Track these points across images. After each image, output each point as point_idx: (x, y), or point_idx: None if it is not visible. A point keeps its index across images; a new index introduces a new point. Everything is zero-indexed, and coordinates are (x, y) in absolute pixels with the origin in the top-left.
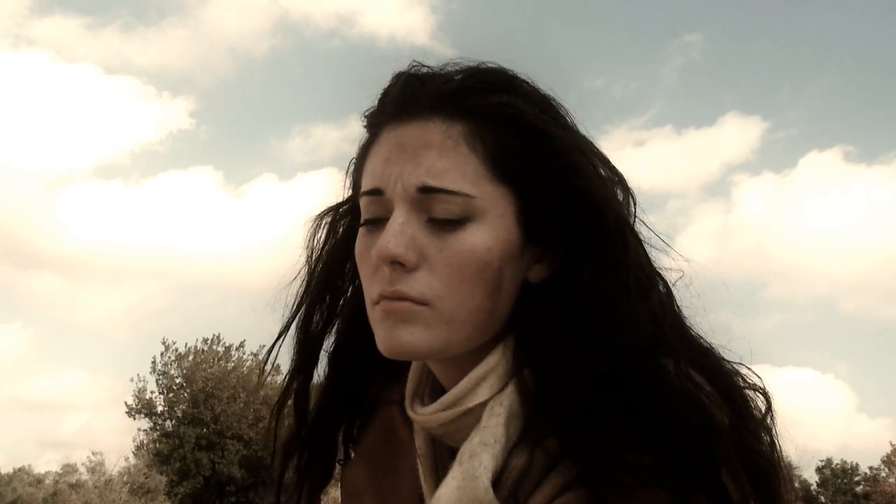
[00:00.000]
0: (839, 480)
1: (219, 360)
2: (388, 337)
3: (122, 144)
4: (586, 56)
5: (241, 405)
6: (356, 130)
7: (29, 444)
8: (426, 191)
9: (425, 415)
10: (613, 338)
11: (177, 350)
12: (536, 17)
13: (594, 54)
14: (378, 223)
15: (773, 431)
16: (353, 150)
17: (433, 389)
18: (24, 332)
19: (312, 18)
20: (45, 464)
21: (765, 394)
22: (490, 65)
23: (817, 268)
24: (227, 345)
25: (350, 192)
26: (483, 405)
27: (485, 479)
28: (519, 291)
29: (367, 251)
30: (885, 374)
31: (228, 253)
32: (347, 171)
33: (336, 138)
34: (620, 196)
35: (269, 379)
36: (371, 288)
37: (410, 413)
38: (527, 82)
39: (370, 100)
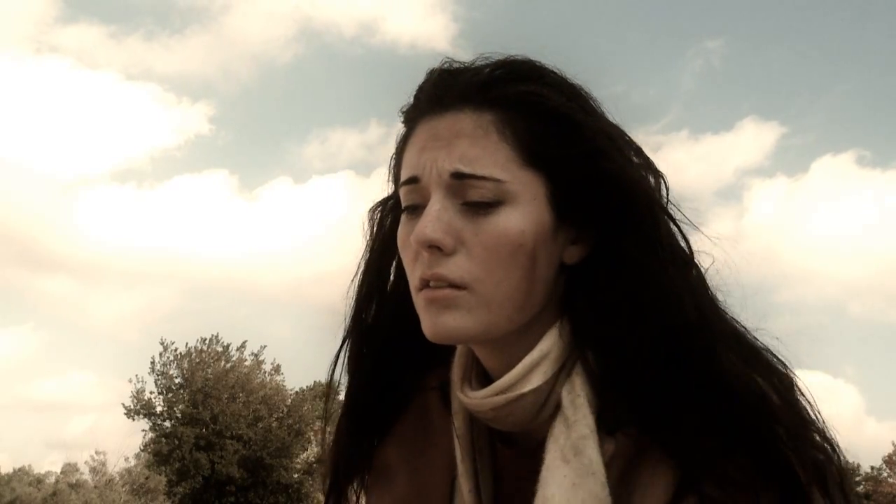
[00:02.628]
0: None
1: (217, 360)
2: (433, 323)
3: (141, 150)
4: (607, 62)
5: (240, 405)
6: (376, 135)
7: (36, 444)
8: (459, 177)
9: (477, 398)
10: (666, 317)
11: (176, 350)
12: (558, 24)
13: (615, 60)
14: (416, 210)
15: (817, 410)
16: (370, 154)
17: (478, 374)
18: (34, 333)
19: (335, 26)
20: (50, 464)
21: (790, 376)
22: (518, 57)
23: (827, 271)
24: (225, 344)
25: (394, 186)
26: (535, 391)
27: (600, 475)
28: (557, 273)
29: (408, 238)
30: (894, 376)
31: (241, 256)
32: (390, 168)
33: (355, 143)
34: (651, 180)
35: (268, 378)
36: (413, 273)
37: (461, 397)
38: (554, 72)
39: (392, 104)
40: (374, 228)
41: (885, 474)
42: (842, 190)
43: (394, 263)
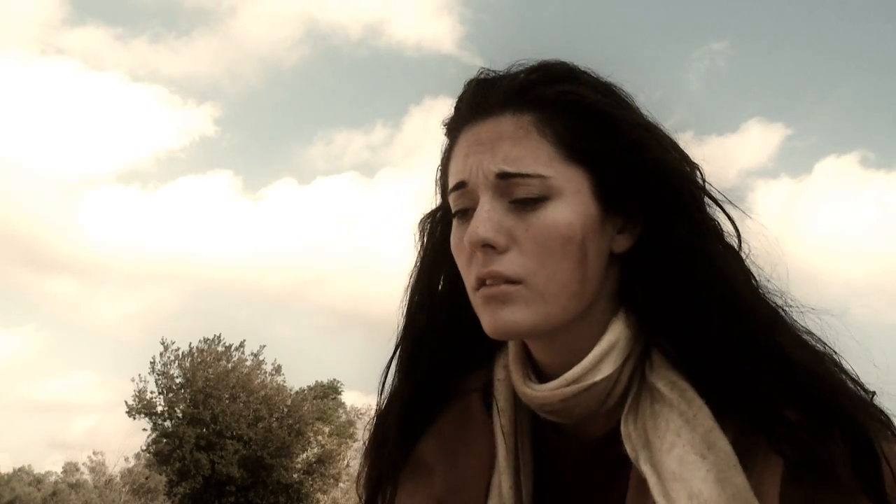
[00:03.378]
0: None
1: (218, 360)
2: (492, 319)
3: (147, 151)
4: (613, 64)
5: (241, 405)
6: (381, 136)
7: (38, 445)
8: (505, 177)
9: (547, 391)
10: (724, 298)
11: (177, 350)
12: (564, 27)
13: (621, 63)
14: (467, 214)
15: (861, 382)
16: (375, 156)
17: (532, 369)
18: (37, 334)
19: (342, 28)
20: (51, 464)
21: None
22: (552, 60)
23: (830, 272)
24: (226, 345)
25: (441, 198)
26: (606, 379)
27: (740, 467)
28: (607, 263)
29: (461, 241)
30: None
31: (245, 256)
32: (436, 180)
33: (360, 144)
34: (688, 168)
35: (268, 379)
36: (469, 275)
37: (527, 391)
38: (586, 72)
39: (398, 105)
40: (425, 238)
41: None
42: (845, 191)
43: (444, 271)
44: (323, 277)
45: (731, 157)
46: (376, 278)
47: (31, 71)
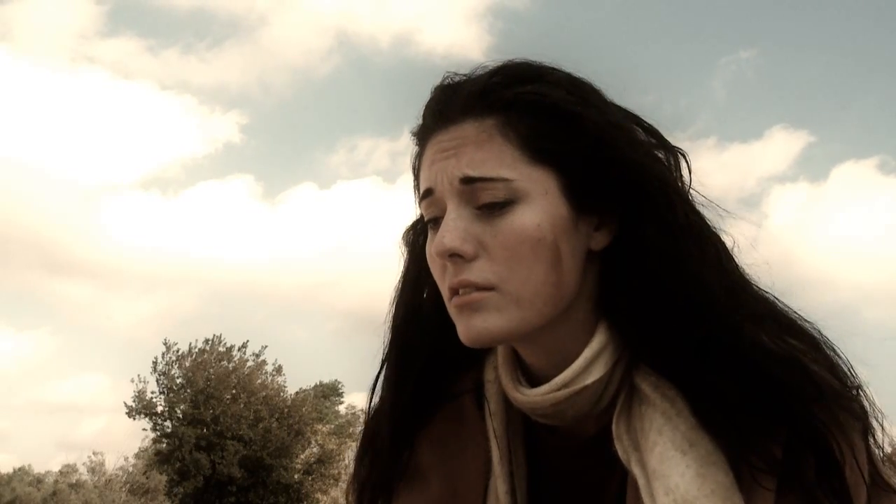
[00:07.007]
0: None
1: (220, 361)
2: (466, 328)
3: (172, 158)
4: (640, 73)
5: (242, 406)
6: (406, 143)
7: (48, 446)
8: (468, 181)
9: (538, 395)
10: (690, 298)
11: (178, 351)
12: (592, 36)
13: (648, 72)
14: (437, 222)
15: (851, 368)
16: (398, 162)
17: (522, 372)
18: (52, 337)
19: (371, 37)
20: (58, 465)
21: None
22: (516, 59)
23: (842, 276)
24: (227, 345)
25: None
26: (598, 381)
27: (722, 463)
28: (587, 262)
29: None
30: None
31: (262, 261)
32: (414, 189)
33: (384, 151)
34: (668, 161)
35: (269, 379)
36: (442, 284)
37: (518, 396)
38: (553, 70)
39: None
40: (409, 250)
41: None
42: (862, 196)
43: (428, 282)
44: (339, 281)
45: (753, 164)
46: (393, 282)
47: (61, 79)
